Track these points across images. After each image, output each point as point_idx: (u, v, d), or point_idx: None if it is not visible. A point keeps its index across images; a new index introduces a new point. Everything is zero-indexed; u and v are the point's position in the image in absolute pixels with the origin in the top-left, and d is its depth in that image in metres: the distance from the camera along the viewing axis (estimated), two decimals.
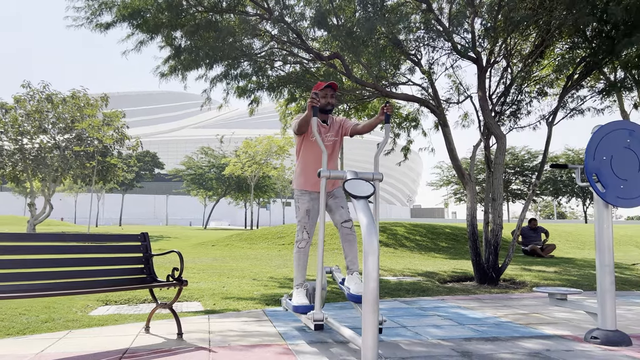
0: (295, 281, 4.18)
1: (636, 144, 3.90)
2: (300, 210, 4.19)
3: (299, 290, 4.12)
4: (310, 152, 4.19)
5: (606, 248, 4.00)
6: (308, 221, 4.15)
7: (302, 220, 4.16)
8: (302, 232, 4.14)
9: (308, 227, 4.14)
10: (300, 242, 4.16)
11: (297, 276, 4.18)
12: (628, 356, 3.49)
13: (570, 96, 9.04)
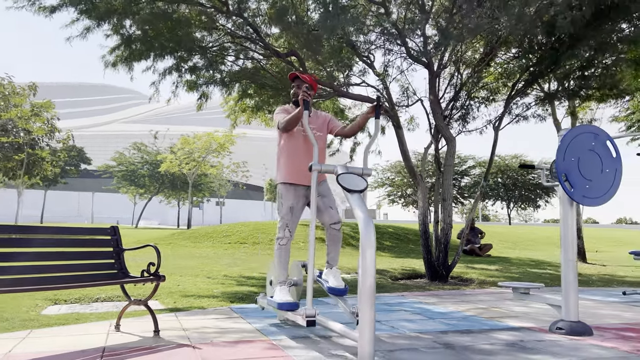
0: (277, 279, 4.11)
1: (600, 147, 4.19)
2: (284, 206, 4.08)
3: (282, 288, 4.05)
4: (292, 144, 4.09)
5: (570, 245, 4.26)
6: (291, 218, 4.08)
7: (285, 217, 4.07)
8: (284, 230, 4.06)
9: (290, 225, 4.07)
10: (281, 240, 4.09)
11: (279, 274, 4.10)
12: (593, 344, 3.73)
13: (514, 103, 9.52)
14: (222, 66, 10.16)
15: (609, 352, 3.49)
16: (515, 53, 9.23)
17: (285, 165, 4.11)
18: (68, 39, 9.39)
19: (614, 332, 4.21)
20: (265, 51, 9.47)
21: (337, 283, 4.07)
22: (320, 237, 12.75)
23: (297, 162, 4.05)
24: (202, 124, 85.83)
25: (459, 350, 3.46)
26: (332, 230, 4.13)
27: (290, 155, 4.09)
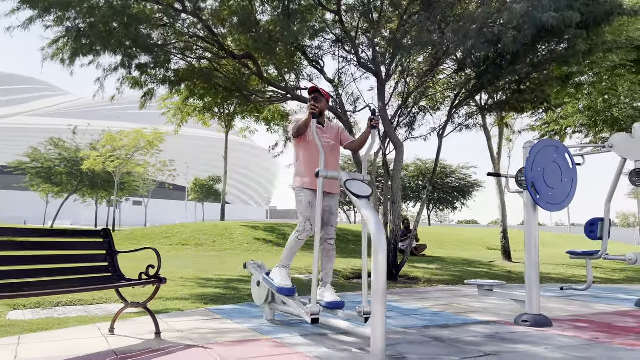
0: (282, 262, 4.36)
1: (560, 158, 4.71)
2: (303, 203, 4.32)
3: (282, 270, 4.27)
4: (308, 154, 4.38)
5: (533, 246, 4.75)
6: (311, 212, 4.28)
7: (305, 213, 4.30)
8: (305, 223, 4.28)
9: (312, 219, 4.27)
10: (301, 233, 4.32)
11: (286, 258, 4.37)
12: (557, 334, 4.21)
13: (457, 112, 10.19)
14: (172, 65, 10.01)
15: (574, 340, 3.97)
16: (459, 66, 9.86)
17: (303, 172, 4.39)
18: (8, 29, 8.93)
19: (568, 324, 4.75)
20: (220, 52, 9.46)
21: (334, 298, 4.29)
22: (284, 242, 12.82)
23: (312, 170, 4.30)
24: (126, 119, 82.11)
25: (450, 343, 3.79)
26: (328, 245, 4.43)
27: (307, 163, 4.36)
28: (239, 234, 14.11)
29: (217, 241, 13.22)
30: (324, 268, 4.44)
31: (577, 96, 15.65)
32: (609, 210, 6.63)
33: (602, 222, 6.57)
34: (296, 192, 4.45)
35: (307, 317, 3.72)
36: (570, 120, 17.86)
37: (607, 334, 4.23)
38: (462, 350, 3.53)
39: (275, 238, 14.11)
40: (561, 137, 20.15)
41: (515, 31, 8.16)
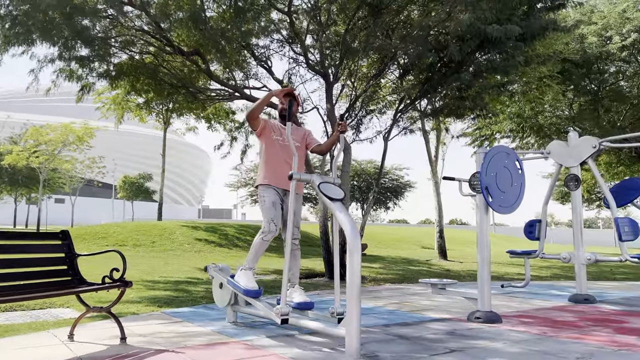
0: (248, 264, 4.33)
1: (511, 164, 5.01)
2: (266, 202, 4.32)
3: (248, 273, 4.24)
4: (271, 152, 4.43)
5: (485, 246, 5.02)
6: (275, 212, 4.30)
7: (270, 212, 4.30)
8: (270, 224, 4.27)
9: (275, 219, 4.28)
10: (266, 235, 4.29)
11: (252, 260, 4.35)
12: (509, 330, 4.48)
13: (401, 116, 10.51)
14: (114, 59, 9.65)
15: (525, 335, 4.24)
16: (404, 71, 10.17)
17: (265, 170, 4.42)
18: None
19: (515, 319, 5.06)
20: (167, 47, 9.22)
21: (303, 299, 4.33)
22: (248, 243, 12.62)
23: (275, 168, 4.38)
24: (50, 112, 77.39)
25: (415, 341, 3.94)
26: (293, 245, 4.43)
27: (270, 162, 4.41)
28: (179, 234, 13.77)
29: (157, 242, 12.84)
30: (291, 269, 4.47)
31: (507, 103, 16.58)
32: (546, 212, 7.11)
33: (539, 224, 7.04)
34: (259, 190, 4.46)
35: (276, 318, 3.73)
36: (500, 126, 18.85)
37: (552, 328, 4.54)
38: (429, 347, 3.68)
39: (217, 238, 13.90)
40: (490, 142, 21.25)
41: (460, 41, 8.55)
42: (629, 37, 14.03)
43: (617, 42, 13.98)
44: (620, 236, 6.02)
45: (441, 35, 8.72)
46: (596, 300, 6.48)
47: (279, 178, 4.39)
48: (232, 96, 9.97)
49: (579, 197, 6.64)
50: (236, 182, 48.61)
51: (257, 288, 4.17)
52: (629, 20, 14.61)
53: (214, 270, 4.66)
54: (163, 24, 8.69)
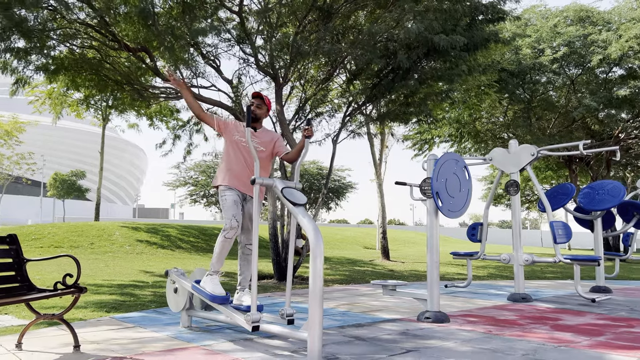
0: (213, 268, 4.28)
1: (459, 171, 5.25)
2: (228, 200, 4.28)
3: (213, 277, 4.20)
4: (233, 155, 4.42)
5: (434, 249, 5.23)
6: (236, 210, 4.26)
7: (231, 209, 4.25)
8: (231, 220, 4.22)
9: (237, 215, 4.25)
10: (228, 232, 4.23)
11: (216, 263, 4.28)
12: (458, 329, 4.70)
13: (350, 120, 10.68)
14: (53, 51, 9.22)
15: (473, 334, 4.47)
16: (353, 76, 10.35)
17: (226, 171, 4.41)
18: None
19: (461, 319, 5.30)
20: (112, 43, 8.91)
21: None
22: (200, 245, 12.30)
23: (236, 171, 4.38)
24: None
25: (372, 341, 4.05)
26: (247, 250, 4.48)
27: (231, 164, 4.40)
28: (119, 236, 13.31)
29: (95, 243, 12.35)
30: (243, 272, 4.47)
31: (447, 110, 17.24)
32: (487, 215, 7.48)
33: (481, 226, 7.39)
34: (220, 190, 4.43)
35: (247, 325, 3.72)
36: (440, 131, 19.54)
37: (496, 327, 4.81)
38: (386, 348, 3.80)
39: (160, 240, 13.55)
40: (430, 146, 21.98)
41: (408, 49, 8.82)
42: (559, 51, 14.96)
43: (548, 54, 14.87)
44: (555, 239, 6.44)
45: (390, 43, 8.94)
46: (532, 298, 6.89)
47: (240, 181, 4.38)
48: (181, 95, 9.76)
49: (518, 201, 7.03)
50: (175, 180, 47.52)
51: (224, 294, 4.12)
52: (559, 35, 15.58)
53: (176, 274, 4.58)
54: (108, 18, 8.40)
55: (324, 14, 9.37)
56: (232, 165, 4.40)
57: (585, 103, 14.55)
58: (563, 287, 8.75)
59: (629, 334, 4.56)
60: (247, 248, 4.46)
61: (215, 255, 4.32)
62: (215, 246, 4.36)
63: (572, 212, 8.34)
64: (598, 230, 8.05)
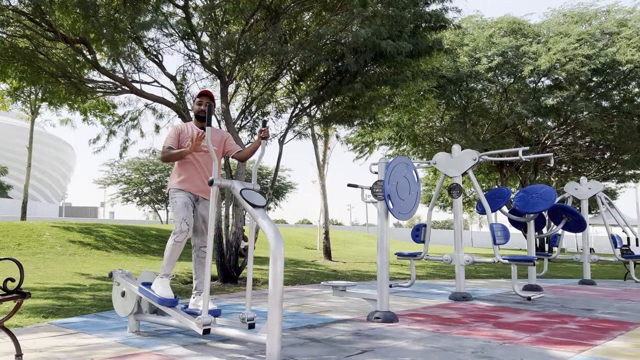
0: (163, 270, 4.16)
1: (409, 174, 5.39)
2: (178, 203, 4.20)
3: (164, 280, 4.08)
4: (186, 159, 4.33)
5: (384, 250, 5.34)
6: (187, 212, 4.19)
7: (181, 212, 4.17)
8: (182, 223, 4.13)
9: (187, 218, 4.17)
10: (178, 235, 4.14)
11: (166, 266, 4.17)
12: (407, 328, 4.82)
13: (296, 121, 10.69)
14: None
15: (423, 333, 4.60)
16: (300, 77, 10.37)
17: (178, 176, 4.33)
18: None
19: (409, 318, 5.45)
20: (48, 33, 8.45)
21: (211, 306, 4.24)
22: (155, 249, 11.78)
23: (189, 174, 4.32)
24: None
25: (327, 343, 4.08)
26: (202, 253, 4.40)
27: (184, 168, 4.33)
28: (50, 236, 12.60)
29: (24, 244, 11.62)
30: (199, 276, 4.39)
31: (388, 114, 17.64)
32: (431, 217, 7.72)
33: (425, 228, 7.62)
34: (170, 193, 4.35)
35: (198, 329, 3.64)
36: (381, 134, 19.95)
37: (443, 326, 4.97)
38: (342, 349, 3.84)
39: (94, 241, 12.96)
40: (370, 148, 22.39)
41: (355, 53, 8.95)
42: (494, 60, 15.69)
43: (484, 63, 15.56)
44: (495, 240, 6.75)
45: (338, 46, 9.04)
46: (472, 297, 7.18)
47: (193, 184, 4.32)
48: (122, 89, 9.40)
49: (460, 204, 7.30)
50: (106, 178, 45.68)
51: (173, 297, 4.02)
52: (494, 45, 16.34)
53: (121, 276, 4.40)
54: (43, 6, 7.95)
55: (272, 14, 9.33)
56: (184, 168, 4.33)
57: (517, 111, 15.35)
58: (498, 286, 9.18)
59: (564, 329, 4.86)
60: (202, 251, 4.38)
61: (165, 258, 4.20)
62: (165, 249, 4.25)
63: (507, 214, 8.77)
64: (531, 232, 8.51)
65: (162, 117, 12.60)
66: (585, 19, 18.05)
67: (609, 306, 6.67)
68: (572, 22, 18.03)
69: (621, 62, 15.35)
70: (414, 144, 20.68)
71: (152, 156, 12.93)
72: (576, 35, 16.24)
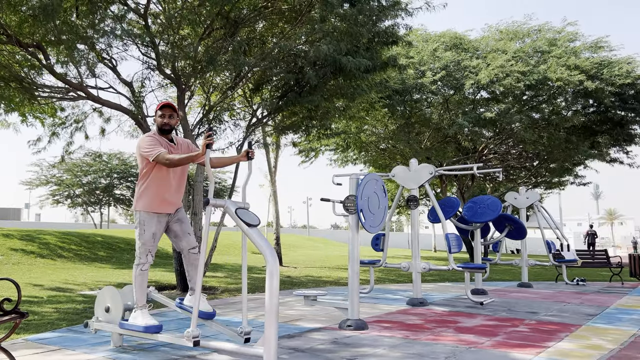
0: (139, 302, 4.15)
1: (379, 189, 5.73)
2: (146, 233, 4.17)
3: (143, 312, 4.12)
4: (160, 175, 4.23)
5: (356, 260, 5.65)
6: (153, 244, 4.21)
7: (147, 243, 4.17)
8: (147, 255, 4.18)
9: (152, 251, 4.21)
10: (143, 265, 4.18)
11: (140, 297, 4.16)
12: (379, 335, 5.15)
13: (255, 129, 10.84)
14: None
15: (394, 339, 4.94)
16: (257, 87, 10.53)
17: (153, 195, 4.23)
18: None
19: (376, 325, 5.79)
20: (1, 37, 8.14)
21: (205, 307, 4.36)
22: None
23: (163, 192, 4.25)
24: None
25: (311, 352, 4.33)
26: (192, 256, 4.41)
27: (159, 185, 4.23)
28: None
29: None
30: (192, 277, 4.45)
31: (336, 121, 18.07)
32: (389, 227, 8.13)
33: (384, 237, 8.02)
34: (140, 216, 4.23)
35: (189, 342, 3.77)
36: (328, 140, 20.38)
37: (409, 332, 5.35)
38: (328, 358, 4.10)
39: (37, 248, 12.46)
40: (316, 153, 22.79)
41: (315, 66, 9.24)
42: (438, 73, 16.49)
43: (429, 76, 16.33)
44: (450, 249, 7.24)
45: (298, 59, 9.29)
46: (428, 302, 7.65)
47: (166, 202, 4.27)
48: (77, 95, 9.18)
49: (416, 214, 7.75)
50: (35, 179, 43.46)
51: (157, 323, 4.06)
52: (438, 59, 17.17)
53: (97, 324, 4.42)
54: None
55: (231, 23, 9.44)
56: (158, 187, 4.23)
57: (459, 122, 16.22)
58: (447, 290, 9.75)
59: (517, 332, 5.36)
60: (191, 253, 4.42)
61: (136, 289, 4.20)
62: (133, 280, 4.24)
63: (456, 223, 9.36)
64: (477, 239, 9.14)
65: (109, 120, 12.36)
66: (519, 37, 19.32)
67: (549, 308, 7.33)
68: (508, 39, 19.24)
69: (552, 78, 16.60)
70: (359, 150, 21.26)
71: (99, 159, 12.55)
72: (512, 53, 17.38)
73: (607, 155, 21.17)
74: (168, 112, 4.33)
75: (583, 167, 23.42)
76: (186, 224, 4.46)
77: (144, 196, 4.24)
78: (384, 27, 10.32)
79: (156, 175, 4.24)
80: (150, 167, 4.23)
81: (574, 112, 18.99)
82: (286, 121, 10.89)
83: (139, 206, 4.24)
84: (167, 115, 4.32)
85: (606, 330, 5.60)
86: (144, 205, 4.23)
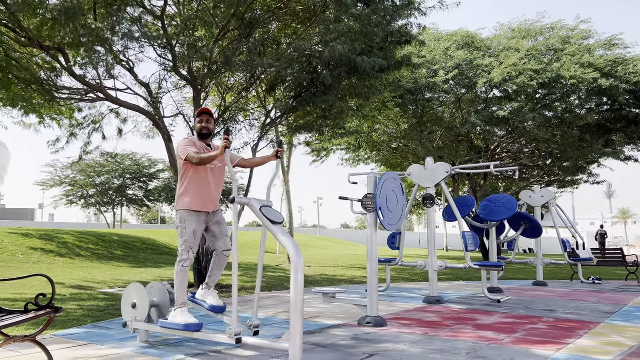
0: (179, 300, 4.27)
1: (397, 188, 5.79)
2: (188, 230, 4.33)
3: (183, 310, 4.23)
4: (200, 176, 4.44)
5: (374, 258, 5.71)
6: (194, 241, 4.36)
7: (189, 240, 4.32)
8: (189, 252, 4.31)
9: (194, 248, 4.34)
10: (185, 262, 4.32)
11: (181, 295, 4.28)
12: (400, 332, 5.21)
13: (268, 130, 10.93)
14: None
15: (415, 336, 5.00)
16: (271, 87, 10.62)
17: (193, 194, 4.41)
18: None
19: (395, 322, 5.84)
20: (23, 39, 8.31)
21: (217, 302, 4.49)
22: None
23: (204, 192, 4.42)
24: None
25: (334, 348, 4.40)
26: (223, 257, 4.58)
27: (200, 185, 4.42)
28: (9, 243, 12.20)
29: None
30: (213, 275, 4.60)
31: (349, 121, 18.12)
32: (405, 225, 8.17)
33: (400, 235, 8.07)
34: (181, 216, 4.41)
35: (231, 340, 3.86)
36: (340, 140, 20.44)
37: (429, 328, 5.40)
38: (350, 354, 4.17)
39: (56, 248, 12.66)
40: (327, 153, 22.85)
41: (330, 67, 9.31)
42: (451, 72, 16.49)
43: (441, 75, 16.33)
44: (466, 247, 7.28)
45: (313, 59, 9.36)
46: (445, 300, 7.69)
47: (205, 201, 4.44)
48: (96, 97, 9.34)
49: (433, 213, 7.79)
50: (49, 180, 43.95)
51: (197, 321, 4.16)
52: (450, 58, 17.16)
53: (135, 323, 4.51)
54: (21, 14, 7.83)
55: (246, 25, 9.53)
56: (198, 187, 4.41)
57: (471, 121, 16.20)
58: (462, 289, 9.77)
59: (536, 330, 5.39)
60: (223, 255, 4.56)
61: (177, 287, 4.33)
62: (174, 277, 4.37)
63: (471, 221, 9.38)
64: (493, 238, 9.15)
65: (126, 121, 12.51)
66: (532, 35, 19.24)
67: (566, 307, 7.34)
68: (520, 37, 19.17)
69: (565, 77, 16.52)
70: (371, 149, 21.29)
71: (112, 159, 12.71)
72: (525, 51, 17.32)
73: (622, 153, 20.99)
74: (205, 117, 4.57)
75: (597, 166, 23.24)
76: (224, 226, 4.61)
77: (184, 196, 4.43)
78: (397, 27, 10.37)
79: (195, 176, 4.43)
80: (189, 168, 4.43)
81: (587, 110, 18.88)
82: (300, 121, 10.96)
83: (180, 205, 4.44)
84: (204, 121, 4.56)
85: (625, 327, 5.61)
86: (185, 204, 4.41)
